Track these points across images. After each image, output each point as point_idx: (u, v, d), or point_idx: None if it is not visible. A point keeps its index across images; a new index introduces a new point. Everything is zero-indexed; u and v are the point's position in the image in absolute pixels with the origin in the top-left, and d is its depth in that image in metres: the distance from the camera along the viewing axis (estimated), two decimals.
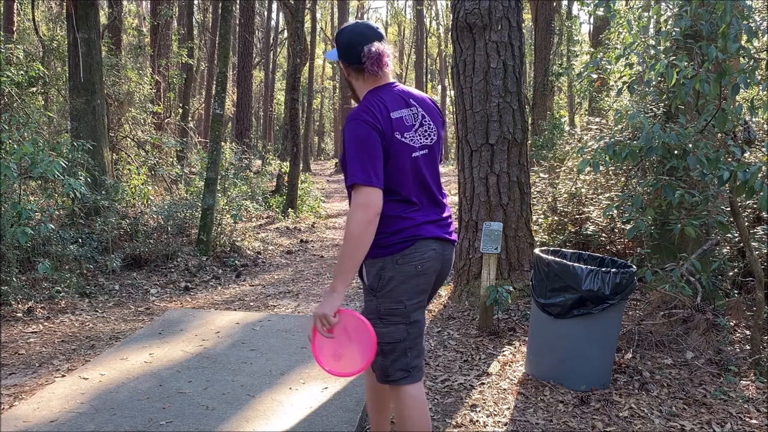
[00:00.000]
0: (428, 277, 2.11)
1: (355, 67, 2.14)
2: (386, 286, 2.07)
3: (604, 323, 3.36)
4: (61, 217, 6.72)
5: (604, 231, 5.95)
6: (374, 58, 2.08)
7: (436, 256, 2.12)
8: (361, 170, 1.96)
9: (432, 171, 2.18)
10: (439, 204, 2.20)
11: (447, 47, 33.13)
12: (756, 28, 3.77)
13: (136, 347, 3.78)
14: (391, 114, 2.06)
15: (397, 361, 2.11)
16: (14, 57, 9.61)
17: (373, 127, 2.00)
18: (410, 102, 2.15)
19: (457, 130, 5.49)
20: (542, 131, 9.96)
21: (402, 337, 2.10)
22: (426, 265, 2.09)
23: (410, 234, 2.07)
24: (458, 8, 5.23)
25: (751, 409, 3.20)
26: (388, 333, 2.09)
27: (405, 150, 2.07)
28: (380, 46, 2.08)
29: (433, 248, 2.11)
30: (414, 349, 2.13)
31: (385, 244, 2.06)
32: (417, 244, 2.07)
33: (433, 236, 2.11)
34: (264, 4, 30.31)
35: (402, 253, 2.06)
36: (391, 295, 2.07)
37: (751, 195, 3.30)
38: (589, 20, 26.12)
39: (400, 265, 2.06)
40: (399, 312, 2.08)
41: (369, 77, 2.14)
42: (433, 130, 2.18)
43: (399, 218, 2.07)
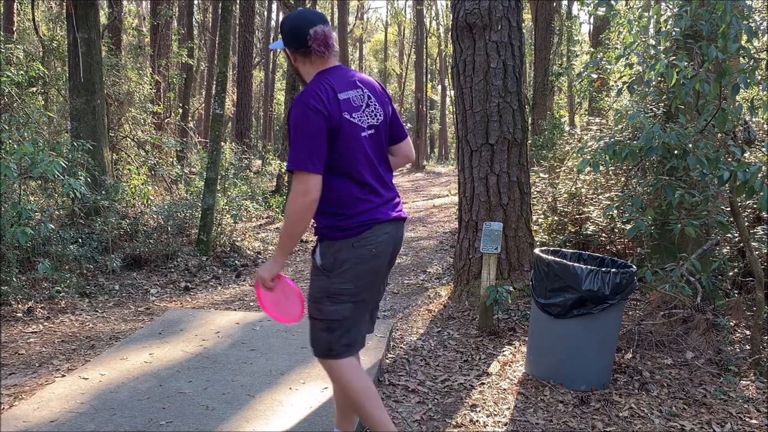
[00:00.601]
0: (382, 259, 2.19)
1: (301, 51, 2.17)
2: (340, 268, 2.13)
3: (604, 323, 3.36)
4: (61, 217, 6.72)
5: (604, 231, 5.95)
6: (320, 39, 2.13)
7: (389, 239, 2.19)
8: (301, 157, 2.02)
9: (380, 150, 2.24)
10: (388, 184, 2.26)
11: (447, 47, 33.13)
12: (756, 28, 3.77)
13: (136, 347, 3.78)
14: (339, 95, 2.10)
15: (342, 337, 2.19)
16: (14, 57, 9.61)
17: (318, 111, 2.03)
18: (357, 84, 2.19)
19: (457, 130, 5.49)
20: (542, 131, 9.96)
21: (348, 315, 2.17)
22: (380, 248, 2.16)
23: (368, 217, 2.13)
24: (458, 8, 5.23)
25: (751, 409, 3.20)
26: (336, 311, 2.16)
27: (355, 130, 2.12)
28: (325, 28, 2.14)
29: (387, 231, 2.18)
30: (357, 325, 2.22)
31: (343, 227, 2.12)
32: (374, 227, 2.14)
33: (388, 219, 2.18)
34: (264, 4, 30.31)
35: (359, 236, 2.12)
36: (343, 277, 2.13)
37: (751, 195, 3.30)
38: (589, 20, 26.15)
39: (356, 248, 2.12)
40: (348, 292, 2.15)
41: (316, 59, 2.18)
42: (380, 110, 2.23)
43: (357, 200, 2.13)
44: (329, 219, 2.14)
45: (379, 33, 43.92)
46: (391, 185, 2.29)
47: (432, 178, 23.40)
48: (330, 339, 2.19)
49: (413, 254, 8.17)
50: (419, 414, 3.09)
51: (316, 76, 2.16)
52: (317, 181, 2.03)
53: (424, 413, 3.10)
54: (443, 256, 7.85)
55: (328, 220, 2.14)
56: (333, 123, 2.06)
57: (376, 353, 3.70)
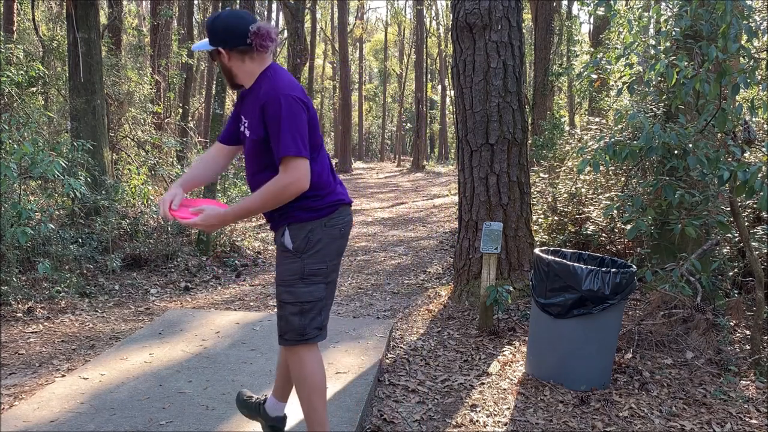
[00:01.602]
0: (346, 239, 2.30)
1: (240, 49, 2.16)
2: (313, 248, 2.20)
3: (604, 323, 3.36)
4: (61, 217, 6.72)
5: (604, 231, 5.95)
6: (263, 34, 2.14)
7: (349, 219, 2.32)
8: (300, 143, 2.07)
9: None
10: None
11: (447, 47, 33.12)
12: (756, 28, 3.77)
13: (136, 347, 3.78)
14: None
15: (314, 320, 2.23)
16: (14, 57, 9.61)
17: (301, 102, 2.11)
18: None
19: (457, 130, 5.49)
20: (542, 131, 9.96)
21: (321, 296, 2.23)
22: (346, 228, 2.29)
23: (337, 198, 2.25)
24: (458, 8, 5.23)
25: (751, 409, 3.20)
26: (310, 292, 2.20)
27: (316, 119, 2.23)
28: (266, 24, 2.17)
29: (349, 213, 2.32)
30: (327, 308, 2.28)
31: (316, 208, 2.20)
32: (341, 208, 2.26)
33: (349, 202, 2.32)
34: (264, 4, 30.30)
35: (329, 216, 2.22)
36: (317, 257, 2.20)
37: (751, 195, 3.30)
38: (589, 20, 26.16)
39: (328, 228, 2.21)
40: (321, 272, 2.22)
41: (258, 56, 2.19)
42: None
43: (327, 183, 2.23)
44: (303, 201, 2.17)
45: (379, 33, 43.92)
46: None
47: (432, 178, 23.40)
48: (303, 322, 2.22)
49: (413, 254, 8.17)
50: (419, 414, 3.09)
51: (268, 70, 2.19)
52: (309, 168, 2.11)
53: (424, 413, 3.10)
54: (443, 256, 7.85)
55: (301, 202, 2.17)
56: (310, 113, 2.16)
57: (376, 353, 3.70)
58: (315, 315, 2.23)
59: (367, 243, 9.16)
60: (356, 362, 3.55)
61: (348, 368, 3.45)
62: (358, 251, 8.47)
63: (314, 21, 26.12)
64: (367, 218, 12.10)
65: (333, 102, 42.30)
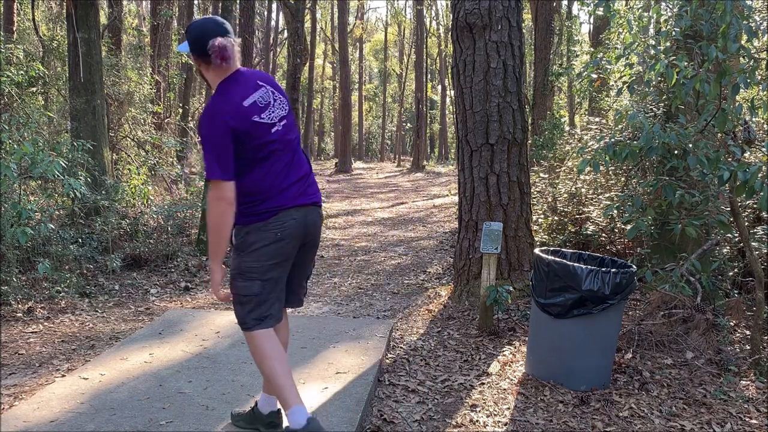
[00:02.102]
0: (288, 242, 2.41)
1: (203, 59, 2.36)
2: (249, 248, 2.38)
3: (604, 323, 3.36)
4: (61, 217, 6.72)
5: (604, 231, 5.95)
6: (217, 52, 2.29)
7: (297, 225, 2.42)
8: (214, 167, 2.26)
9: (293, 138, 2.48)
10: (301, 165, 2.50)
11: (447, 47, 33.11)
12: (756, 28, 3.76)
13: (136, 347, 3.78)
14: (244, 102, 2.31)
15: (253, 311, 2.41)
16: (14, 57, 9.61)
17: (223, 123, 2.25)
18: (258, 84, 2.40)
19: (457, 130, 5.49)
20: (542, 131, 9.96)
21: (257, 292, 2.40)
22: (286, 232, 2.39)
23: (272, 205, 2.36)
24: (458, 8, 5.23)
25: (751, 409, 3.20)
26: (246, 287, 2.40)
27: (265, 128, 2.35)
28: (223, 40, 2.30)
29: (294, 217, 2.41)
30: (268, 302, 2.43)
31: (253, 213, 2.37)
32: (280, 214, 2.37)
33: (295, 205, 2.41)
34: (264, 4, 30.30)
35: (266, 221, 2.36)
36: (252, 256, 2.38)
37: (751, 195, 3.30)
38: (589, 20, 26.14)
39: (263, 231, 2.36)
40: (256, 270, 2.39)
41: (216, 68, 2.36)
42: (284, 101, 2.47)
43: (265, 190, 2.36)
44: (241, 206, 2.36)
45: (379, 33, 43.92)
46: (305, 165, 2.52)
47: (432, 178, 23.40)
48: (242, 312, 2.43)
49: (413, 254, 8.18)
50: (419, 414, 3.09)
51: (220, 85, 2.36)
52: (230, 187, 2.28)
53: (424, 413, 3.10)
54: (443, 256, 7.85)
55: (241, 207, 2.36)
56: (241, 129, 2.28)
57: (376, 353, 3.70)
58: (253, 307, 2.41)
59: (367, 243, 9.16)
60: (356, 362, 3.55)
61: (348, 368, 3.45)
62: (358, 251, 8.47)
63: (314, 21, 26.13)
64: (367, 218, 12.10)
65: (333, 102, 42.30)
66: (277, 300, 2.48)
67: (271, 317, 2.46)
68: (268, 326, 2.44)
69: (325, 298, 5.77)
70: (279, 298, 2.50)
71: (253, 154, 2.34)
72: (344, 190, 18.15)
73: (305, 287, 2.74)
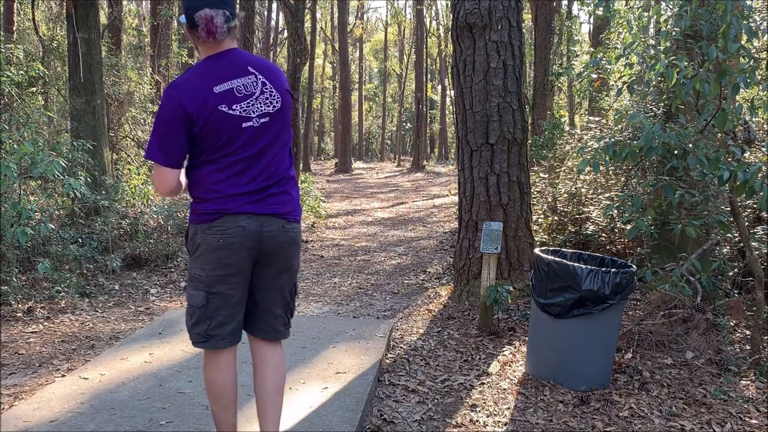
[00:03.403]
0: (234, 253, 2.10)
1: (193, 32, 2.11)
2: (195, 252, 2.14)
3: (604, 323, 3.36)
4: (61, 217, 6.72)
5: (604, 231, 5.95)
6: (202, 25, 2.05)
7: (245, 234, 2.09)
8: (155, 147, 2.05)
9: (273, 139, 2.14)
10: (274, 172, 2.15)
11: (447, 47, 33.10)
12: (756, 28, 3.77)
13: (136, 347, 3.77)
14: (216, 87, 2.04)
15: (197, 326, 2.17)
16: (14, 57, 9.61)
17: (178, 105, 2.01)
18: (249, 70, 2.11)
19: (457, 130, 5.49)
20: (542, 131, 9.96)
21: (201, 304, 2.14)
22: (230, 240, 2.08)
23: (216, 207, 2.09)
24: (458, 8, 5.23)
25: (751, 409, 3.20)
26: (192, 296, 2.17)
27: (232, 121, 2.05)
28: (211, 12, 2.04)
29: (242, 225, 2.09)
30: (215, 319, 2.15)
31: (197, 212, 2.13)
32: (224, 218, 2.09)
33: (244, 212, 2.10)
34: (264, 4, 30.30)
35: (209, 224, 2.09)
36: (198, 261, 2.14)
37: (751, 195, 3.30)
38: (589, 20, 26.13)
39: (207, 235, 2.10)
40: (201, 279, 2.13)
41: (204, 42, 2.11)
42: (275, 97, 2.14)
43: (212, 189, 2.09)
44: (193, 203, 2.15)
45: (379, 33, 43.91)
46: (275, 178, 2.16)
47: (432, 178, 23.41)
48: (187, 323, 2.21)
49: (413, 254, 8.18)
50: (419, 414, 3.09)
51: (203, 61, 2.12)
52: (173, 174, 2.07)
53: (424, 413, 3.10)
54: (443, 256, 7.85)
55: (192, 204, 2.15)
56: (200, 117, 2.02)
57: (376, 353, 3.70)
58: (197, 321, 2.16)
59: (367, 243, 9.16)
60: (356, 362, 3.55)
61: (348, 368, 3.45)
62: (358, 251, 8.47)
63: (314, 21, 26.12)
64: (367, 218, 12.11)
65: (333, 102, 42.29)
66: (228, 321, 2.17)
67: (219, 338, 2.17)
68: (215, 347, 2.18)
69: (325, 298, 5.77)
70: (230, 319, 2.17)
71: (210, 147, 2.07)
72: (344, 189, 18.15)
73: (284, 317, 2.31)
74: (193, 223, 2.15)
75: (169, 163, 2.05)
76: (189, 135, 2.05)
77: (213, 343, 2.18)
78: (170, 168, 2.06)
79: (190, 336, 2.22)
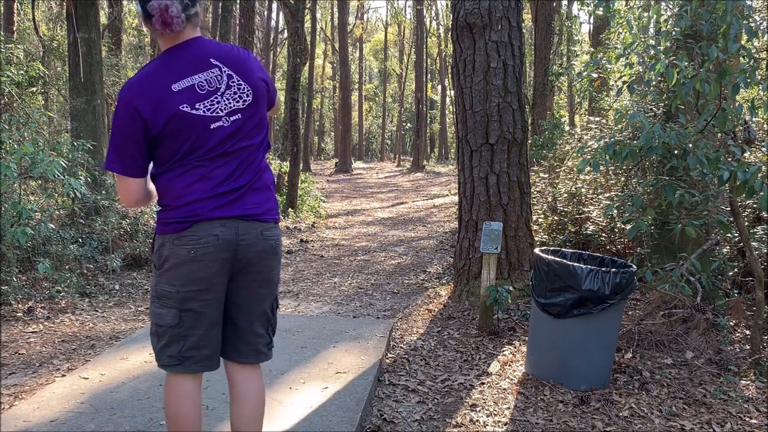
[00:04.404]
0: (206, 265, 1.89)
1: (149, 23, 1.89)
2: (163, 266, 1.93)
3: (604, 323, 3.36)
4: (61, 217, 6.72)
5: (604, 231, 5.95)
6: (157, 15, 1.83)
7: (220, 244, 1.89)
8: (112, 157, 1.87)
9: (245, 137, 1.94)
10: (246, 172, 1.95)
11: (447, 47, 33.11)
12: (756, 28, 3.77)
13: (136, 347, 3.77)
14: (176, 84, 1.84)
15: (168, 347, 1.97)
16: (14, 57, 9.61)
17: (132, 109, 1.81)
18: (211, 62, 1.89)
19: (457, 130, 5.49)
20: (542, 131, 9.96)
21: (173, 323, 1.94)
22: (202, 251, 1.88)
23: (187, 213, 1.88)
24: (458, 8, 5.23)
25: (751, 409, 3.20)
26: (160, 315, 1.95)
27: (198, 122, 1.85)
28: (163, 1, 1.82)
29: (215, 234, 1.89)
30: (189, 339, 1.95)
31: (165, 221, 1.93)
32: (195, 226, 1.88)
33: (217, 217, 1.89)
34: (264, 4, 30.29)
35: (179, 234, 1.89)
36: (165, 276, 1.92)
37: (751, 195, 3.30)
38: (589, 20, 26.14)
39: (176, 246, 1.89)
40: (172, 296, 1.92)
41: (161, 35, 1.90)
42: (245, 90, 1.93)
43: (180, 194, 1.89)
44: (160, 212, 1.95)
45: (379, 33, 43.92)
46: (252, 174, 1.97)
47: (432, 177, 23.41)
48: (156, 345, 2.00)
49: (413, 254, 8.18)
50: (419, 414, 3.09)
51: (159, 57, 1.91)
52: (137, 183, 1.92)
53: (424, 413, 3.10)
54: (443, 256, 7.85)
55: (159, 213, 1.96)
56: (158, 121, 1.83)
57: (376, 353, 3.70)
58: (168, 342, 1.95)
59: (367, 243, 9.16)
60: (356, 362, 3.55)
61: (348, 368, 3.45)
62: (358, 251, 8.47)
63: (314, 21, 26.12)
64: (367, 218, 12.11)
65: (333, 102, 42.29)
66: (203, 344, 1.97)
67: (194, 361, 1.97)
68: (188, 370, 1.98)
69: (325, 298, 5.77)
70: (204, 342, 1.97)
71: (174, 151, 1.86)
72: (344, 189, 18.15)
73: (266, 336, 2.10)
74: (160, 233, 1.94)
75: (130, 173, 1.89)
76: (147, 140, 1.86)
77: (187, 366, 1.98)
78: (132, 178, 1.90)
79: (158, 359, 2.01)
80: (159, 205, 1.95)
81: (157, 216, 1.96)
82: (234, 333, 2.05)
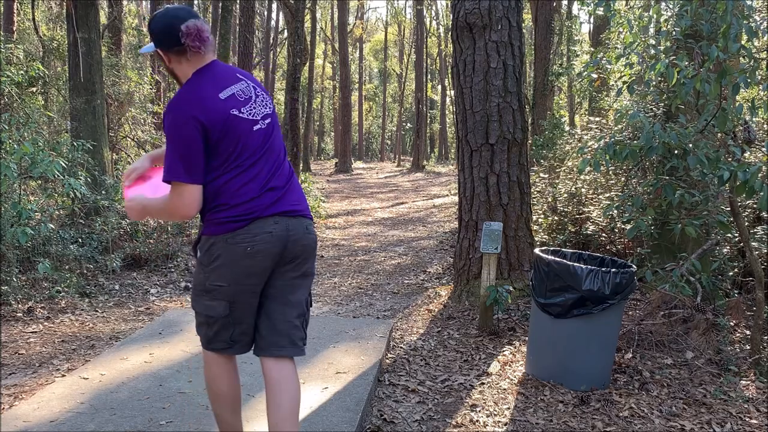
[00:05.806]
0: (261, 260, 2.06)
1: (175, 50, 2.06)
2: (214, 263, 2.07)
3: (604, 323, 3.36)
4: (61, 217, 6.72)
5: (604, 231, 5.95)
6: (194, 34, 2.01)
7: (273, 239, 2.06)
8: (177, 166, 1.97)
9: (277, 138, 2.18)
10: (284, 171, 2.17)
11: (447, 47, 33.10)
12: (756, 28, 3.77)
13: (136, 347, 3.77)
14: (221, 93, 2.02)
15: (220, 334, 2.15)
16: (14, 57, 9.61)
17: (191, 117, 1.95)
18: (238, 76, 2.12)
19: (457, 130, 5.49)
20: (542, 131, 9.96)
21: (224, 314, 2.11)
22: (258, 247, 2.04)
23: (243, 211, 2.03)
24: (458, 8, 5.23)
25: (751, 409, 3.20)
26: (212, 307, 2.11)
27: (245, 125, 2.05)
28: (197, 22, 2.03)
29: (269, 230, 2.05)
30: (241, 325, 2.15)
31: (219, 221, 2.05)
32: (252, 224, 2.04)
33: (272, 213, 2.07)
34: (264, 4, 30.31)
35: (234, 233, 2.03)
36: (217, 273, 2.07)
37: (751, 195, 3.30)
38: (589, 20, 26.15)
39: (230, 244, 2.04)
40: (223, 290, 2.08)
41: (192, 56, 2.07)
42: (267, 99, 2.18)
43: (236, 194, 2.03)
44: (209, 213, 2.07)
45: (379, 33, 43.92)
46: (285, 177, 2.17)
47: (432, 178, 23.41)
48: (208, 333, 2.17)
49: (413, 254, 8.18)
50: (419, 414, 3.09)
51: (193, 75, 2.07)
52: (197, 191, 2.01)
53: (424, 413, 3.10)
54: (443, 256, 7.85)
55: (208, 215, 2.07)
56: (215, 125, 1.98)
57: (376, 353, 3.70)
58: (219, 329, 2.14)
59: (367, 243, 9.16)
60: (356, 362, 3.55)
61: (348, 368, 3.45)
62: (358, 251, 8.47)
63: (314, 21, 26.12)
64: (367, 218, 12.11)
65: (333, 102, 42.28)
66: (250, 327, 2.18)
67: (243, 345, 2.19)
68: (236, 353, 2.20)
69: (325, 298, 5.77)
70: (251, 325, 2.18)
71: (228, 153, 2.03)
72: (344, 189, 18.15)
73: (301, 330, 2.22)
74: (211, 234, 2.07)
75: (197, 180, 1.99)
76: (207, 147, 2.00)
77: (236, 349, 2.18)
78: (197, 185, 2.00)
79: (207, 343, 2.18)
80: (210, 208, 2.06)
81: (206, 218, 2.08)
82: (272, 328, 2.17)
